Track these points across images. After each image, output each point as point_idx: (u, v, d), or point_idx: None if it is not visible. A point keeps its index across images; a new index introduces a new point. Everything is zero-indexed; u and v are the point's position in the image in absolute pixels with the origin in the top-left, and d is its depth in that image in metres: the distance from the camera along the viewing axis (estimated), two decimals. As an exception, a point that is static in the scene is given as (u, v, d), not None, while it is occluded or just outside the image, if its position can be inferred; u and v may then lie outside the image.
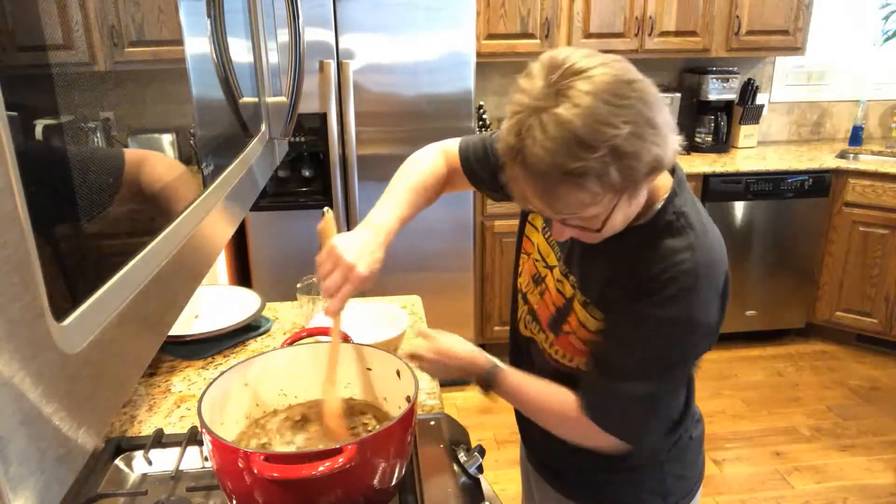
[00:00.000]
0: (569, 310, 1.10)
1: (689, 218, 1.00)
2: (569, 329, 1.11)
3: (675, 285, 0.96)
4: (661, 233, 0.99)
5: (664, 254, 0.98)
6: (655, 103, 0.87)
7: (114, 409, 0.47)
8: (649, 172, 0.88)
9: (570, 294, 1.10)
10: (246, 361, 1.09)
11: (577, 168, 0.83)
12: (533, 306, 1.20)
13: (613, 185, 0.86)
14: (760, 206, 3.43)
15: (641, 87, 0.87)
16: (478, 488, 1.10)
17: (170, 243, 0.58)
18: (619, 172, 0.85)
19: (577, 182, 0.85)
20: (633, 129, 0.83)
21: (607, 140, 0.82)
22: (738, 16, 3.42)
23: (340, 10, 2.71)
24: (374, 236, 1.09)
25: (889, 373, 3.44)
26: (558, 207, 0.90)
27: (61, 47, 0.44)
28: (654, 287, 0.97)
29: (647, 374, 1.02)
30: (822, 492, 2.61)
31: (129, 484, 1.10)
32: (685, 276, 0.96)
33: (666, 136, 0.88)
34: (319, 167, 2.90)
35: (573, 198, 0.87)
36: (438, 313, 2.53)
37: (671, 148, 0.89)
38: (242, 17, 0.95)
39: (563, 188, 0.86)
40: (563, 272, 1.12)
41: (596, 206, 0.89)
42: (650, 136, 0.85)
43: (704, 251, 0.99)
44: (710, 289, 0.99)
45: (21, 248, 0.34)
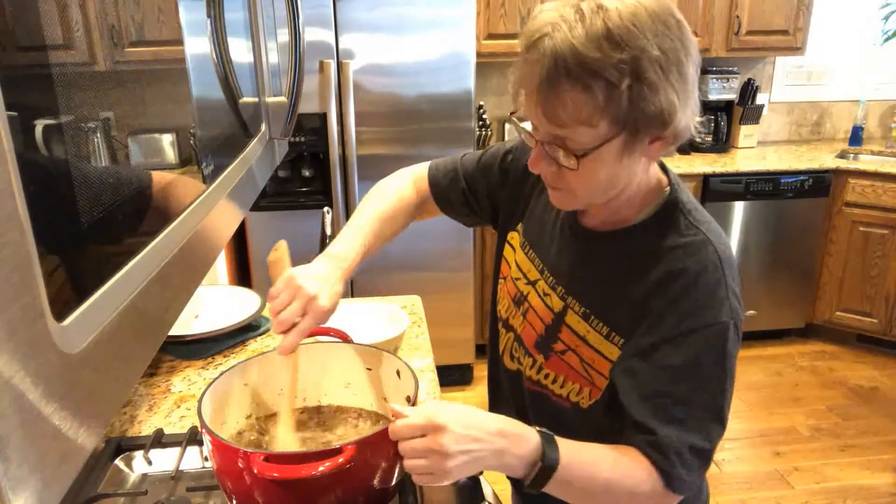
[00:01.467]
0: (559, 325, 1.00)
1: (696, 214, 0.94)
2: (561, 348, 0.99)
3: (700, 289, 0.88)
4: (670, 229, 0.92)
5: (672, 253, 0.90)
6: (691, 57, 0.81)
7: (114, 409, 0.47)
8: (655, 122, 0.80)
9: (559, 307, 1.00)
10: (246, 361, 1.09)
11: (594, 61, 0.76)
12: (517, 331, 1.09)
13: (618, 107, 0.79)
14: (760, 206, 3.43)
15: (685, 32, 0.81)
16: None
17: (170, 243, 0.58)
18: (628, 95, 0.78)
19: (586, 82, 0.77)
20: (662, 57, 0.78)
21: (634, 47, 0.76)
22: (738, 16, 3.42)
23: (340, 10, 2.71)
24: (333, 268, 1.00)
25: (889, 373, 3.44)
26: (551, 110, 0.81)
27: (61, 47, 0.44)
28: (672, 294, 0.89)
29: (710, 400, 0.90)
30: (822, 492, 2.60)
31: (129, 484, 1.10)
32: (703, 276, 0.89)
33: (688, 94, 0.81)
34: (319, 167, 2.90)
35: (574, 102, 0.79)
36: (438, 313, 2.53)
37: (687, 113, 0.82)
38: (242, 17, 0.95)
39: (568, 85, 0.78)
40: (551, 284, 1.02)
41: (590, 128, 0.81)
42: (674, 79, 0.79)
43: (722, 244, 0.92)
44: (734, 279, 0.91)
45: (21, 248, 0.34)
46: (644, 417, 0.90)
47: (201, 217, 0.68)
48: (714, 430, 0.90)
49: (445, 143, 2.91)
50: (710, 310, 0.88)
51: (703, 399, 0.89)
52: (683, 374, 0.89)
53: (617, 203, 0.94)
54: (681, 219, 0.93)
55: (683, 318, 0.88)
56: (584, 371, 0.98)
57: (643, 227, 0.94)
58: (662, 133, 0.83)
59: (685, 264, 0.89)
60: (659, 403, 0.90)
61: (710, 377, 0.89)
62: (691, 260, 0.89)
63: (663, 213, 0.94)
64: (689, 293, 0.88)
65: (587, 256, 0.99)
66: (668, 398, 0.89)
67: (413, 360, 1.46)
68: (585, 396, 0.99)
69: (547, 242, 1.05)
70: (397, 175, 1.24)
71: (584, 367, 0.98)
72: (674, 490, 0.89)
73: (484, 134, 3.45)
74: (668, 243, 0.92)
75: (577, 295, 0.99)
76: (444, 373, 3.06)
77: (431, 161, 1.24)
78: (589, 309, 0.97)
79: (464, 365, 3.28)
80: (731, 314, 0.89)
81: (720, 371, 0.89)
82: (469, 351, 3.25)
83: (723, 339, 0.88)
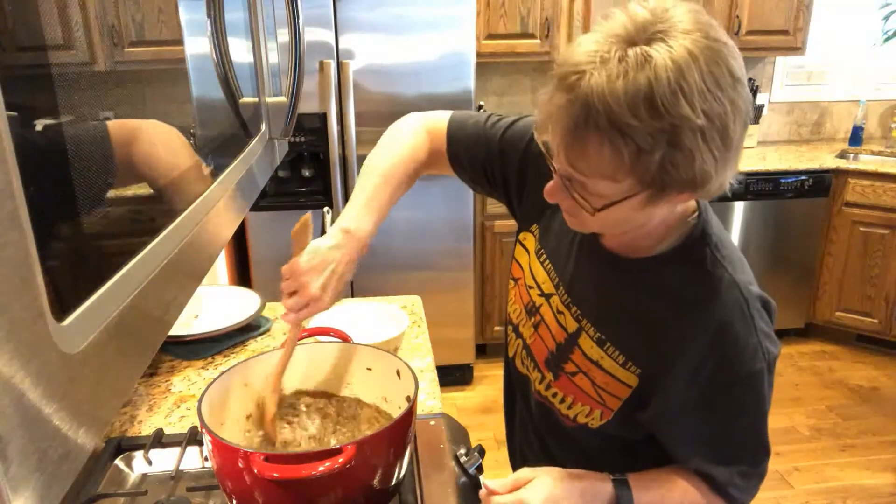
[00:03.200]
0: (572, 346, 0.97)
1: (722, 250, 0.89)
2: (572, 369, 0.97)
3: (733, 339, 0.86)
4: (695, 265, 0.88)
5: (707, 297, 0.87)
6: (740, 116, 0.74)
7: (114, 409, 0.47)
8: (685, 187, 0.75)
9: (573, 329, 0.97)
10: (246, 361, 1.09)
11: (627, 126, 0.69)
12: (526, 341, 1.07)
13: (645, 170, 0.73)
14: (760, 206, 3.43)
15: (740, 89, 0.73)
16: (478, 488, 1.10)
17: (170, 243, 0.58)
18: (660, 161, 0.71)
19: (615, 141, 0.71)
20: (707, 125, 0.70)
21: (676, 116, 0.69)
22: (738, 16, 3.42)
23: (340, 10, 2.71)
24: (346, 251, 0.97)
25: (889, 373, 3.44)
26: (575, 157, 0.76)
27: (61, 47, 0.44)
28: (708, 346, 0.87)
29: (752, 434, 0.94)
30: (822, 492, 2.60)
31: (129, 484, 1.10)
32: (733, 324, 0.86)
33: (729, 159, 0.75)
34: (319, 167, 2.90)
35: (598, 155, 0.73)
36: (438, 313, 2.53)
37: (726, 174, 0.77)
38: (242, 17, 0.95)
39: (596, 139, 0.72)
40: (565, 302, 0.98)
41: (612, 183, 0.75)
42: (715, 147, 0.72)
43: (746, 281, 0.89)
44: (762, 318, 0.89)
45: (21, 248, 0.34)
46: (695, 464, 0.95)
47: (201, 217, 0.68)
48: (761, 456, 0.96)
49: (445, 143, 2.90)
50: (744, 362, 0.87)
51: (748, 437, 0.94)
52: (727, 422, 0.92)
53: (640, 233, 0.89)
54: (707, 254, 0.88)
55: (718, 372, 0.88)
56: (596, 394, 0.96)
57: (667, 259, 0.89)
58: (693, 193, 0.78)
59: (710, 310, 0.87)
60: (707, 450, 0.94)
61: (751, 418, 0.93)
62: (719, 308, 0.86)
63: (689, 246, 0.89)
64: (718, 346, 0.87)
65: (605, 282, 0.95)
66: (715, 443, 0.94)
67: (413, 360, 1.46)
68: (596, 418, 0.98)
69: (564, 256, 1.01)
70: (412, 122, 1.12)
71: (595, 391, 0.96)
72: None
73: (484, 134, 3.45)
74: (692, 283, 0.88)
75: (593, 320, 0.96)
76: (444, 373, 3.06)
77: (452, 112, 1.13)
78: (604, 336, 0.94)
79: (464, 365, 3.28)
80: (764, 358, 0.88)
81: (760, 411, 0.92)
82: (469, 351, 3.25)
83: (759, 385, 0.90)
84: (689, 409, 0.91)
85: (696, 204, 0.91)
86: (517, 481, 0.91)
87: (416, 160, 1.08)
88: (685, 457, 0.96)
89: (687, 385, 0.89)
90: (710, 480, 0.95)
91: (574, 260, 0.99)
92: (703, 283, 0.88)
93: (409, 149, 1.08)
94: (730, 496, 0.95)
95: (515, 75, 3.61)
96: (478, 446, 1.17)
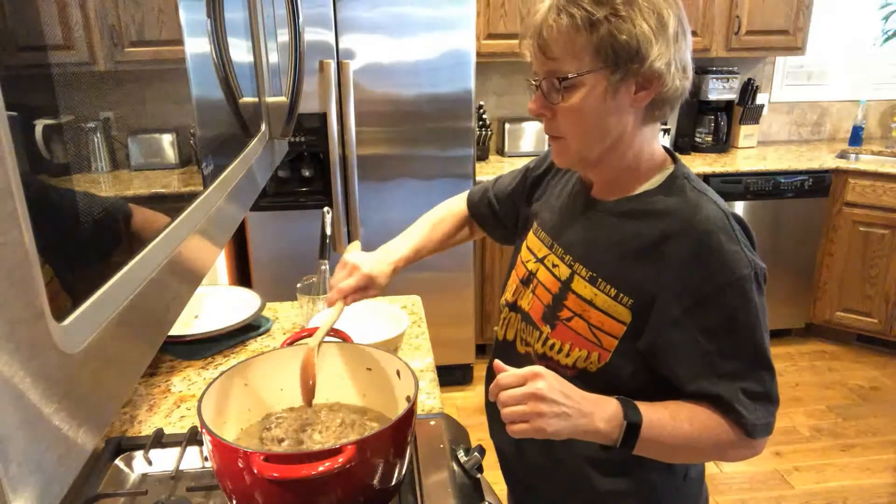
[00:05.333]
0: (566, 293, 1.03)
1: (699, 184, 1.00)
2: (568, 315, 1.03)
3: (715, 247, 0.92)
4: (671, 196, 0.98)
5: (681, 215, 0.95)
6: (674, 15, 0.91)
7: (114, 409, 0.47)
8: (630, 53, 0.89)
9: (566, 275, 1.04)
10: (246, 361, 1.09)
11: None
12: (524, 309, 1.12)
13: (596, 36, 0.89)
14: (761, 206, 3.43)
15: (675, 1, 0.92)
16: (478, 488, 1.10)
17: (170, 243, 0.58)
18: (607, 28, 0.88)
19: (570, 11, 0.89)
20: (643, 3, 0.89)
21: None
22: (738, 16, 3.42)
23: (340, 10, 2.71)
24: (383, 256, 1.25)
25: (889, 373, 3.44)
26: (545, 41, 0.93)
27: (61, 47, 0.44)
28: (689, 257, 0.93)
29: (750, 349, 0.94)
30: (822, 492, 2.61)
31: (129, 484, 1.10)
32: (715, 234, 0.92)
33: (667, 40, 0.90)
34: (319, 167, 2.90)
35: (559, 30, 0.91)
36: (438, 313, 2.53)
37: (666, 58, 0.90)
38: (242, 17, 0.95)
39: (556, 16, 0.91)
40: (559, 255, 1.07)
41: (575, 59, 0.91)
42: (648, 17, 0.89)
43: (713, 205, 0.96)
44: (744, 234, 0.95)
45: (21, 248, 0.34)
46: (697, 385, 0.95)
47: (201, 217, 0.68)
48: (764, 373, 0.95)
49: (445, 143, 2.91)
50: (729, 267, 0.92)
51: (745, 350, 0.94)
52: (721, 332, 0.93)
53: (618, 173, 1.01)
54: (685, 184, 0.99)
55: (705, 281, 0.92)
56: (592, 335, 1.00)
57: (648, 193, 1.00)
58: (640, 70, 0.90)
59: (692, 223, 0.94)
60: (706, 364, 0.94)
61: (746, 328, 0.93)
62: (697, 219, 0.94)
63: (667, 182, 1.00)
64: (704, 254, 0.92)
65: (594, 223, 1.04)
66: (713, 356, 0.94)
67: (413, 360, 1.46)
68: (594, 360, 1.01)
69: (559, 221, 1.11)
70: (458, 196, 1.43)
71: (591, 332, 1.00)
72: (752, 436, 0.95)
73: (484, 134, 3.45)
74: (672, 203, 0.97)
75: (584, 260, 1.03)
76: (444, 373, 3.06)
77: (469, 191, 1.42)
78: (595, 272, 1.00)
79: (464, 365, 3.28)
80: (749, 265, 0.92)
81: (754, 320, 0.93)
82: (469, 351, 3.25)
83: (748, 290, 0.92)
84: (682, 324, 0.94)
85: (671, 159, 1.03)
86: (524, 377, 0.90)
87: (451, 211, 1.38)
88: (686, 379, 0.96)
89: (677, 300, 0.93)
90: (717, 401, 0.95)
91: (568, 219, 1.09)
92: (685, 203, 0.96)
93: (446, 204, 1.40)
94: (739, 415, 0.94)
95: (515, 75, 3.61)
96: (478, 446, 1.17)
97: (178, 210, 0.63)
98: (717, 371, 0.94)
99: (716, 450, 0.98)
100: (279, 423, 1.08)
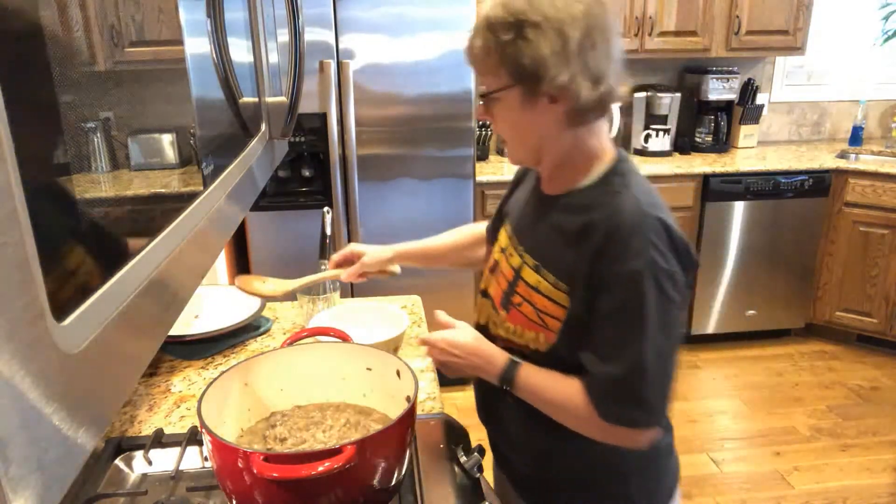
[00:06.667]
0: (517, 280, 1.12)
1: (630, 178, 1.06)
2: (518, 301, 1.11)
3: (618, 238, 0.99)
4: (602, 191, 1.06)
5: (603, 208, 1.02)
6: (579, 28, 0.97)
7: (114, 409, 0.47)
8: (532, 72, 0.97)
9: (517, 264, 1.13)
10: (246, 361, 1.09)
11: (491, 21, 1.00)
12: (492, 296, 1.21)
13: (505, 57, 0.99)
14: (760, 206, 3.43)
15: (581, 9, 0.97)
16: (478, 488, 1.10)
17: (170, 243, 0.58)
18: (513, 47, 0.98)
19: (486, 35, 1.01)
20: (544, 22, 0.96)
21: (519, 13, 0.97)
22: (738, 16, 3.42)
23: (340, 10, 2.71)
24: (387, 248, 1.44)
25: (889, 373, 3.44)
26: (473, 59, 1.06)
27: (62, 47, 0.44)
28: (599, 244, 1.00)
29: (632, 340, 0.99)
30: (822, 492, 2.61)
31: (129, 484, 1.10)
32: (622, 226, 0.99)
33: (569, 57, 0.97)
34: (319, 167, 2.90)
35: (480, 52, 1.03)
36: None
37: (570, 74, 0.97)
38: (242, 17, 0.95)
39: (479, 40, 1.02)
40: (515, 245, 1.16)
41: (496, 77, 1.02)
42: (552, 42, 0.96)
43: (633, 200, 1.02)
44: (659, 236, 0.99)
45: (21, 248, 0.34)
46: (584, 360, 1.04)
47: (201, 217, 0.68)
48: (637, 371, 0.99)
49: (445, 143, 2.91)
50: (626, 259, 0.98)
51: (627, 340, 1.00)
52: (611, 318, 1.01)
53: (561, 169, 1.10)
54: (617, 181, 1.06)
55: (607, 267, 1.00)
56: (539, 318, 1.09)
57: (586, 188, 1.08)
58: (543, 87, 0.99)
59: (608, 216, 1.01)
60: (594, 345, 1.03)
61: (633, 321, 0.99)
62: (612, 213, 1.01)
63: (602, 178, 1.07)
64: (608, 243, 0.99)
65: (541, 216, 1.13)
66: (600, 340, 1.02)
67: (413, 361, 1.46)
68: (542, 342, 1.09)
69: (518, 216, 1.21)
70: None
71: (538, 315, 1.09)
72: (604, 418, 1.02)
73: (484, 134, 3.45)
74: (598, 198, 1.05)
75: (531, 250, 1.12)
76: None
77: None
78: (539, 261, 1.10)
79: (464, 365, 3.28)
80: (647, 265, 0.97)
81: (640, 316, 0.98)
82: (469, 351, 3.24)
83: (639, 286, 0.97)
84: (587, 304, 1.02)
85: (616, 155, 1.09)
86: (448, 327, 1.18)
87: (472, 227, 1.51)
88: (581, 359, 1.05)
89: (588, 286, 1.02)
90: (586, 378, 1.04)
91: (524, 213, 1.19)
92: (609, 198, 1.04)
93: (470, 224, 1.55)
94: (598, 398, 1.02)
95: (515, 75, 3.61)
96: (478, 446, 1.17)
97: (178, 210, 0.63)
98: (599, 354, 1.02)
99: (577, 422, 1.07)
100: (284, 420, 1.08)
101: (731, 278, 3.49)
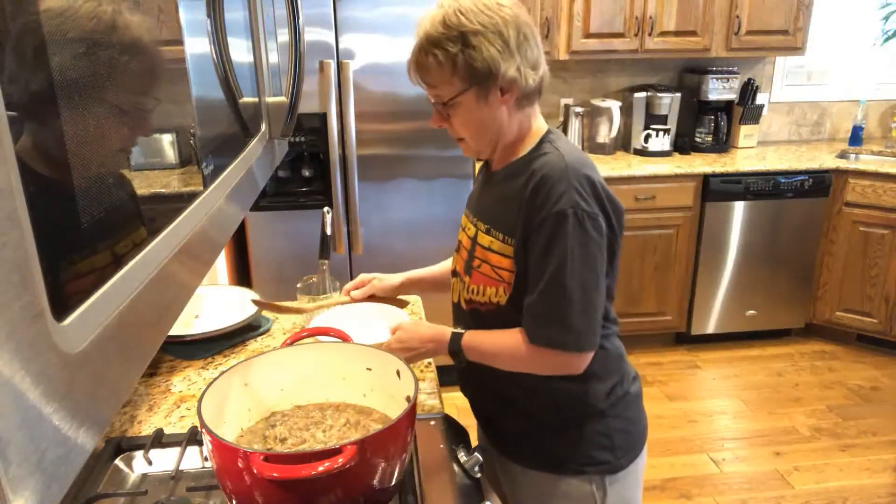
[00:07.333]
0: (474, 245, 1.26)
1: (558, 143, 1.20)
2: (477, 263, 1.25)
3: (546, 185, 1.11)
4: (534, 155, 1.20)
5: (534, 166, 1.16)
6: (513, 26, 1.12)
7: (114, 409, 0.47)
8: (487, 74, 1.11)
9: (473, 233, 1.28)
10: (246, 361, 1.09)
11: (436, 38, 1.12)
12: (457, 271, 1.34)
13: (458, 67, 1.12)
14: (760, 206, 3.43)
15: (506, 11, 1.12)
16: (478, 488, 1.10)
17: (169, 243, 0.58)
18: (464, 58, 1.11)
19: (434, 52, 1.13)
20: (482, 30, 1.10)
21: (460, 26, 1.10)
22: (738, 16, 3.42)
23: (340, 10, 2.71)
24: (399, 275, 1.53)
25: (889, 373, 3.44)
26: (423, 75, 1.18)
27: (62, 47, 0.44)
28: (530, 194, 1.13)
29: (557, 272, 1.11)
30: (822, 492, 2.61)
31: (129, 484, 1.10)
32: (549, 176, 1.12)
33: (511, 52, 1.12)
34: (319, 167, 2.90)
35: (430, 66, 1.15)
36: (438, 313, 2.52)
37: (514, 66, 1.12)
38: (242, 16, 0.95)
39: (425, 56, 1.15)
40: (471, 219, 1.30)
41: (449, 85, 1.15)
42: (494, 41, 1.10)
43: (559, 156, 1.15)
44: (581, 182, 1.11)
45: (21, 248, 0.34)
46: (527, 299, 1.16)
47: (201, 217, 0.68)
48: (562, 298, 1.11)
49: (445, 143, 2.90)
50: (552, 201, 1.11)
51: (553, 272, 1.11)
52: (541, 257, 1.13)
53: (507, 148, 1.24)
54: (545, 145, 1.21)
55: (537, 211, 1.12)
56: (496, 274, 1.22)
57: (523, 156, 1.22)
58: (497, 82, 1.13)
59: (536, 168, 1.15)
60: (528, 281, 1.16)
61: (558, 254, 1.11)
62: (540, 164, 1.15)
63: (536, 146, 1.22)
64: (537, 191, 1.12)
65: (490, 188, 1.27)
66: (532, 277, 1.15)
67: (413, 360, 1.46)
68: (502, 294, 1.22)
69: (474, 196, 1.35)
70: None
71: (494, 272, 1.22)
72: (534, 342, 1.15)
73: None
74: (532, 159, 1.19)
75: (483, 217, 1.26)
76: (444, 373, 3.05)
77: None
78: (490, 225, 1.23)
79: (464, 365, 3.28)
80: (570, 204, 1.10)
81: (563, 248, 1.10)
82: (469, 351, 3.24)
83: (563, 225, 1.10)
84: (525, 247, 1.15)
85: (547, 129, 1.24)
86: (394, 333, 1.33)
87: None
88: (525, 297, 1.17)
89: (524, 231, 1.14)
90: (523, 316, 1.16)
91: (478, 192, 1.33)
92: (540, 156, 1.18)
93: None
94: (527, 326, 1.16)
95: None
96: (478, 446, 1.17)
97: (178, 210, 0.63)
98: (530, 288, 1.15)
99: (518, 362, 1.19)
100: (284, 420, 1.08)
101: (732, 278, 3.49)
